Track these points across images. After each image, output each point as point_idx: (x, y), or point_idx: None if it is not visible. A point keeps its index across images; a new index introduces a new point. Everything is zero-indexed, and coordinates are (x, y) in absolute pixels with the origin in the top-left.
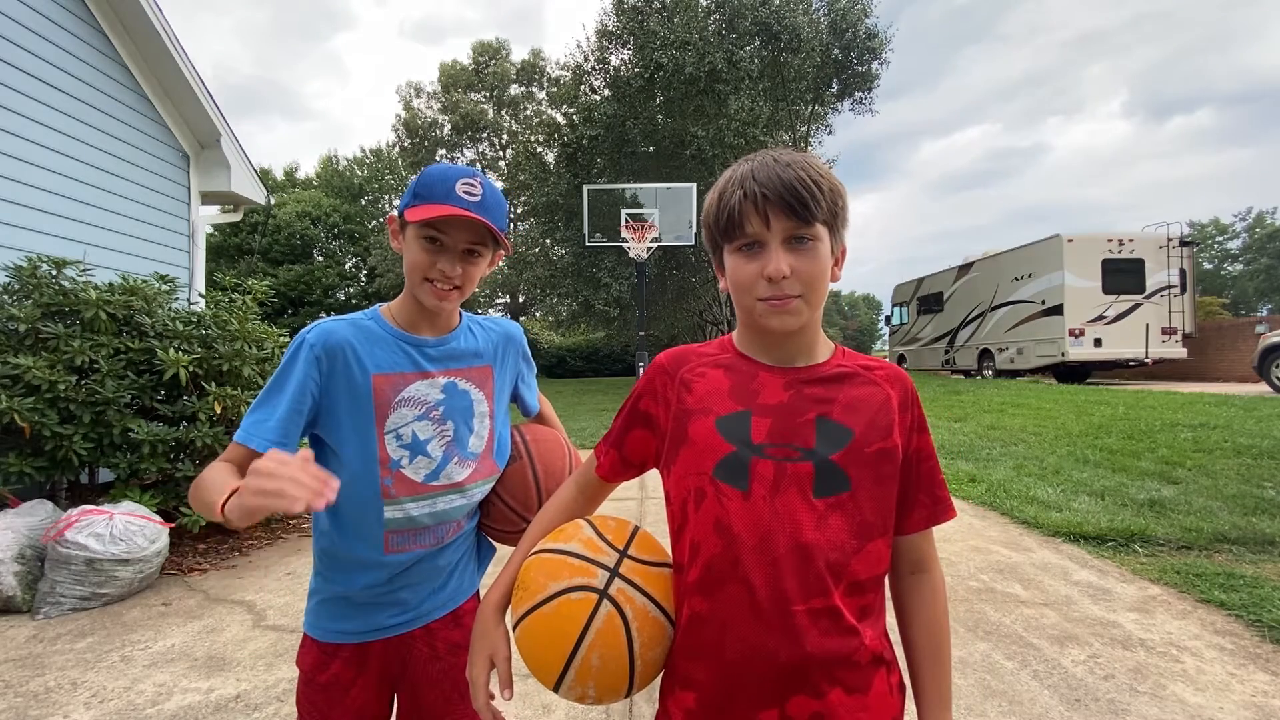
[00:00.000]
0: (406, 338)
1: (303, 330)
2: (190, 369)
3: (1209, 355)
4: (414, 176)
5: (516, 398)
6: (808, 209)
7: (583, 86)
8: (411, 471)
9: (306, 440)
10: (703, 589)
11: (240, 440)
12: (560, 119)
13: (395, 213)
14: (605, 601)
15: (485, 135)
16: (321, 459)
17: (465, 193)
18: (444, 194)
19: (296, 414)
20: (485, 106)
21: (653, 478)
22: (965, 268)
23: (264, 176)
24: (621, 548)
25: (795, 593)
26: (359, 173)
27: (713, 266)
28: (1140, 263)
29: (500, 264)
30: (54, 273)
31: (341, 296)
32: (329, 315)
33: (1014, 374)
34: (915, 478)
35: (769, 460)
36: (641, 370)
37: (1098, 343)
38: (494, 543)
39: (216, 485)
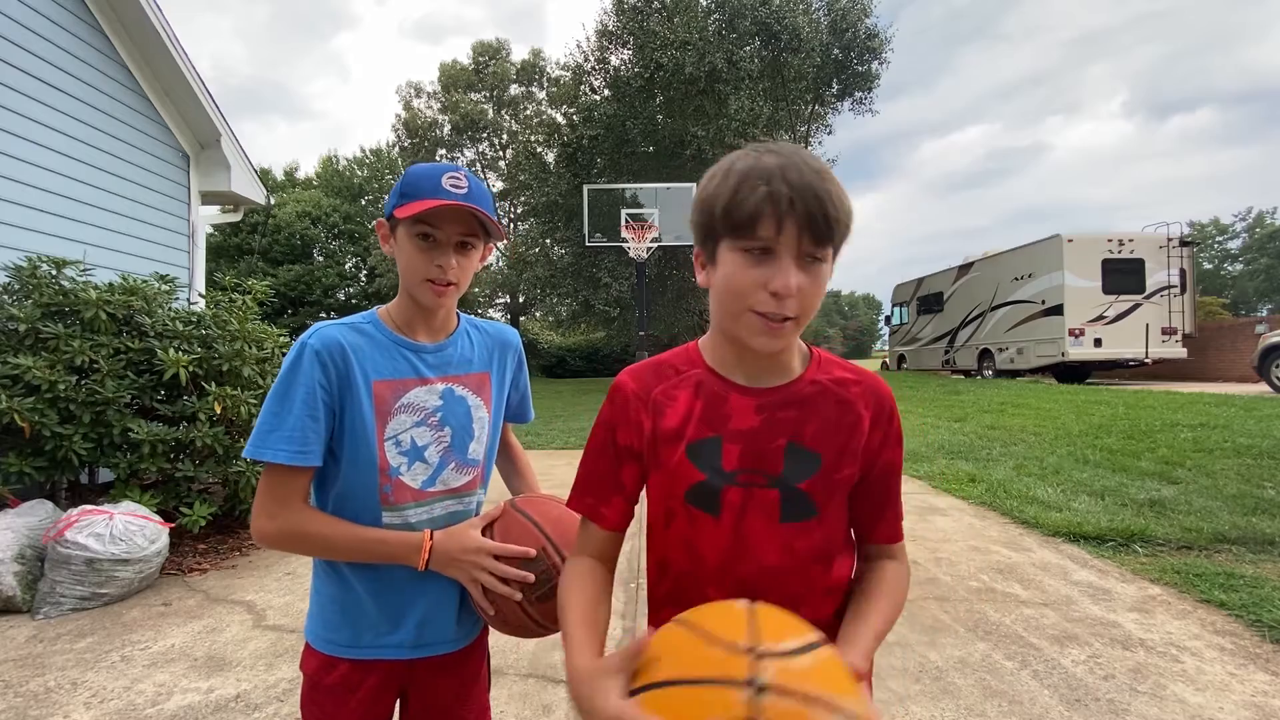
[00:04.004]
0: (405, 343)
1: (303, 335)
2: (190, 369)
3: (1209, 355)
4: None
5: (509, 405)
6: (831, 228)
7: (583, 86)
8: (410, 478)
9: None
10: (673, 601)
11: (250, 456)
12: (560, 119)
13: (383, 216)
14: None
15: (485, 135)
16: (321, 466)
17: (452, 186)
18: (431, 189)
19: (311, 420)
20: (485, 106)
21: None
22: (965, 268)
23: (264, 176)
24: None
25: None
26: (359, 173)
27: (693, 258)
28: (1140, 263)
29: (500, 264)
30: (54, 273)
31: (341, 296)
32: (329, 315)
33: (1014, 374)
34: (881, 493)
35: (738, 487)
36: None
37: (1098, 343)
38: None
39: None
